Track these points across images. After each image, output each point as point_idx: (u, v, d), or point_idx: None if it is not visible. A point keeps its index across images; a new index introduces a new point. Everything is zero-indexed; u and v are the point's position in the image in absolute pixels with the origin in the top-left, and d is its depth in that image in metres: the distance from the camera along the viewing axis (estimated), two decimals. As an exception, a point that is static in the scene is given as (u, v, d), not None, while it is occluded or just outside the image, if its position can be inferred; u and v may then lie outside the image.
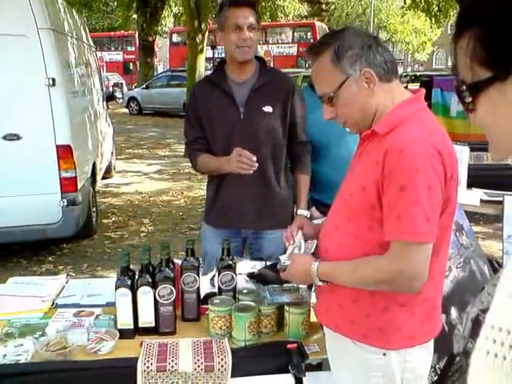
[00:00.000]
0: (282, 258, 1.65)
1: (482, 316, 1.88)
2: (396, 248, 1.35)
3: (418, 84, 10.03)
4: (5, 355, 1.71)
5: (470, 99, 0.72)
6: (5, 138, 4.21)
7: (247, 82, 2.36)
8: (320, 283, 1.51)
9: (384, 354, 1.43)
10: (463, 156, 3.40)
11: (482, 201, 3.45)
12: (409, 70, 32.66)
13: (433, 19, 16.65)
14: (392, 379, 1.44)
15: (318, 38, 2.62)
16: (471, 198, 3.42)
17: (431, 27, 26.69)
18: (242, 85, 2.36)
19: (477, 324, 1.93)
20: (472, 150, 3.61)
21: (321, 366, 1.77)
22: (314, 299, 1.93)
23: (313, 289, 1.82)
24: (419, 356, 1.47)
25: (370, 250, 1.41)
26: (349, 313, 1.47)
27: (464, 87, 0.72)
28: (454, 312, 2.26)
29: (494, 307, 0.59)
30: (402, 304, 1.43)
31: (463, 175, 3.40)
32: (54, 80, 4.16)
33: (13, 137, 4.21)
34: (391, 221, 1.34)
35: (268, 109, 2.34)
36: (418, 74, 17.97)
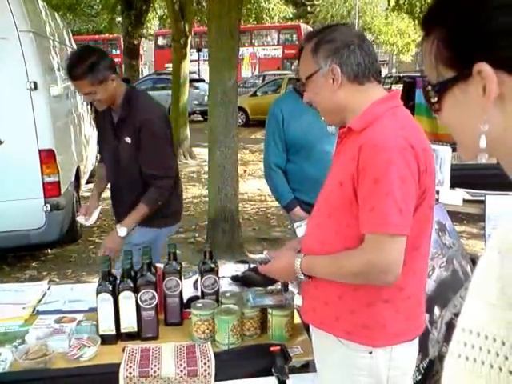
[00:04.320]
0: (264, 253, 1.66)
1: (455, 319, 1.89)
2: (369, 240, 1.36)
3: (402, 85, 10.08)
4: (-18, 365, 1.68)
5: (436, 99, 0.72)
6: (-14, 142, 4.15)
7: (116, 111, 2.58)
8: (303, 277, 1.50)
9: (370, 353, 1.43)
10: (445, 156, 3.43)
11: (464, 200, 3.47)
12: (393, 71, 32.92)
13: (416, 21, 16.81)
14: (378, 378, 1.45)
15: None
16: (454, 197, 3.44)
17: (415, 28, 26.90)
18: (116, 113, 2.59)
19: (451, 328, 1.94)
20: (454, 149, 3.63)
21: (304, 368, 1.77)
22: (298, 302, 1.93)
23: (296, 291, 1.81)
24: (404, 353, 1.48)
25: (351, 245, 1.42)
26: (334, 309, 1.48)
27: (429, 87, 0.73)
28: (437, 311, 2.28)
29: (465, 310, 0.60)
30: (386, 300, 1.43)
31: (446, 175, 3.42)
32: (35, 84, 4.11)
33: (-6, 141, 4.16)
34: (365, 213, 1.35)
35: (128, 140, 2.54)
36: (401, 75, 18.09)
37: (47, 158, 4.24)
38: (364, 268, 1.37)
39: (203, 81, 17.06)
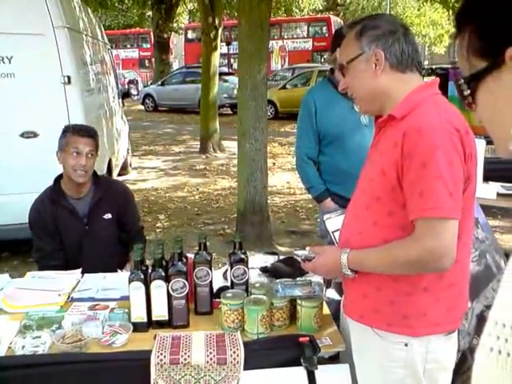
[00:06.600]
0: (307, 249, 1.66)
1: (486, 312, 1.86)
2: (421, 226, 1.34)
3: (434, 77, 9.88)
4: (23, 346, 1.76)
5: (469, 91, 0.73)
6: (22, 135, 4.27)
7: (85, 198, 2.65)
8: (349, 272, 1.49)
9: (406, 345, 1.43)
10: (479, 149, 3.35)
11: (498, 194, 3.40)
12: (426, 63, 32.25)
13: (450, 11, 16.38)
14: (413, 370, 1.44)
15: (333, 32, 2.64)
16: (488, 191, 3.37)
17: (449, 19, 26.25)
18: (81, 200, 2.65)
19: (481, 320, 1.91)
20: (488, 142, 3.55)
21: (333, 359, 1.78)
22: (331, 294, 1.93)
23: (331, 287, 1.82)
24: (442, 347, 1.46)
25: (390, 235, 1.41)
26: (373, 301, 1.47)
27: (462, 80, 0.73)
28: (468, 305, 2.24)
29: (498, 303, 0.59)
30: (426, 288, 1.42)
31: (479, 168, 3.35)
32: (69, 78, 4.20)
33: (30, 134, 4.27)
34: (414, 199, 1.33)
35: (108, 216, 2.67)
36: (434, 67, 17.72)
37: (80, 150, 4.33)
38: (421, 255, 1.34)
39: (233, 74, 17.10)
